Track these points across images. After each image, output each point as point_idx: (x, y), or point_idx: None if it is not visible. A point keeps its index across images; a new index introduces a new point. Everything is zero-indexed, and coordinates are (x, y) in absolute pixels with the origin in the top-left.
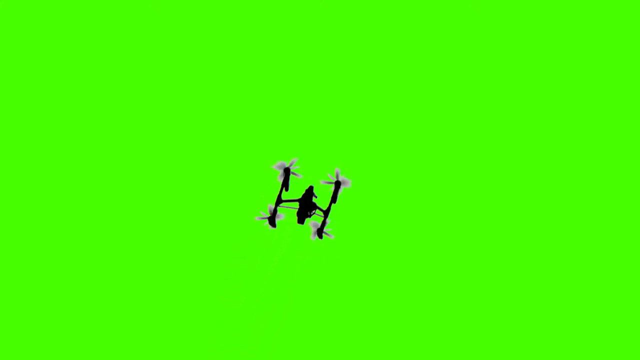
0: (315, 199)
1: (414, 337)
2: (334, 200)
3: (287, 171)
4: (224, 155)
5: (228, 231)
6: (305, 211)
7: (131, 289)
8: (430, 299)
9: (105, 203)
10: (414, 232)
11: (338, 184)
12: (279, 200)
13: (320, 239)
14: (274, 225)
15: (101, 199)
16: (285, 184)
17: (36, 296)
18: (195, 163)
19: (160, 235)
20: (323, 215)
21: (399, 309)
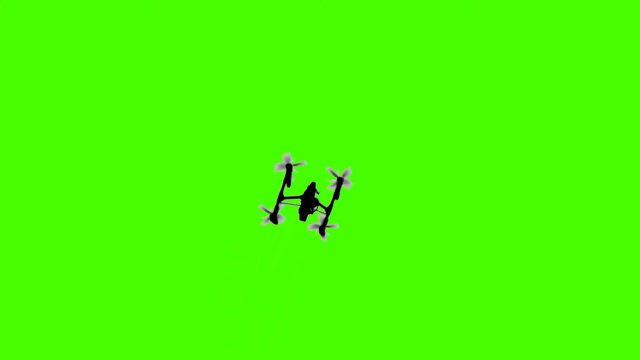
0: (317, 195)
1: (416, 336)
2: (336, 196)
3: (290, 167)
4: (225, 153)
5: (229, 229)
6: (307, 208)
7: (131, 288)
8: (432, 298)
9: (106, 202)
10: (416, 231)
11: (340, 180)
12: (280, 197)
13: (323, 236)
14: (276, 222)
15: (102, 199)
16: (287, 180)
17: (38, 295)
18: (196, 161)
19: (161, 234)
20: (325, 213)
21: (401, 308)
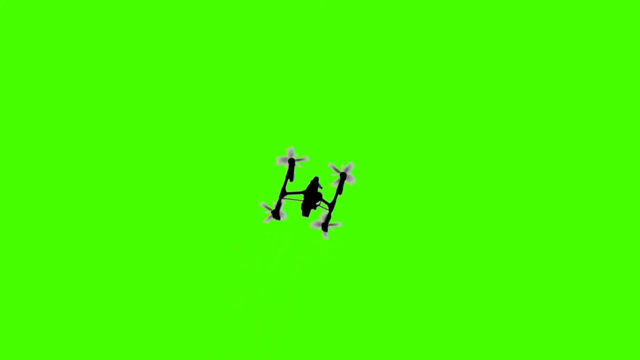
0: (320, 190)
1: (419, 335)
2: (339, 191)
3: (292, 162)
4: (225, 150)
5: (231, 226)
6: (310, 203)
7: (131, 288)
8: (435, 297)
9: (105, 200)
10: (419, 229)
11: (344, 176)
12: (283, 192)
13: (325, 232)
14: (279, 218)
15: (102, 197)
16: (290, 175)
17: (39, 296)
18: (196, 159)
19: (161, 232)
20: (328, 209)
21: (404, 307)
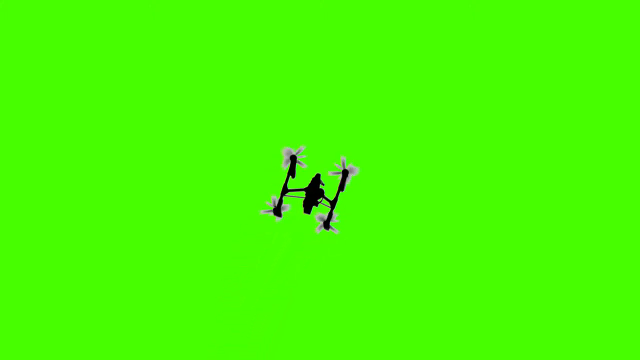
0: (322, 186)
1: (421, 335)
2: (341, 188)
3: (294, 158)
4: (226, 147)
5: (230, 224)
6: (312, 200)
7: (131, 287)
8: (438, 296)
9: (105, 199)
10: (422, 228)
11: (345, 173)
12: (284, 189)
13: (327, 230)
14: (280, 216)
15: (101, 196)
16: (291, 171)
17: (35, 296)
18: (197, 155)
19: (162, 231)
20: (330, 206)
21: (407, 306)
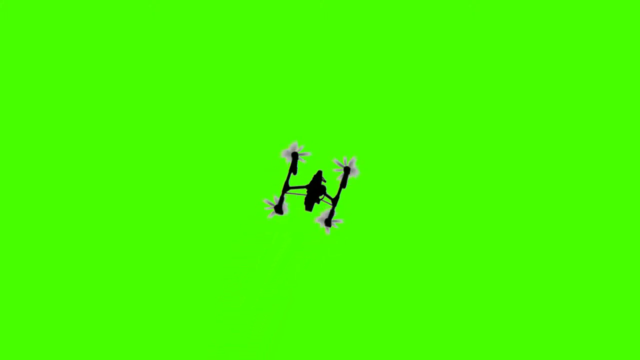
0: (324, 183)
1: (422, 334)
2: (343, 185)
3: (296, 156)
4: (226, 147)
5: (230, 222)
6: (314, 197)
7: (131, 286)
8: (440, 295)
9: (105, 198)
10: (424, 227)
11: (347, 170)
12: (286, 186)
13: (328, 228)
14: (281, 213)
15: (101, 195)
16: (293, 168)
17: (34, 296)
18: (197, 153)
19: (161, 231)
20: (332, 203)
21: (408, 306)
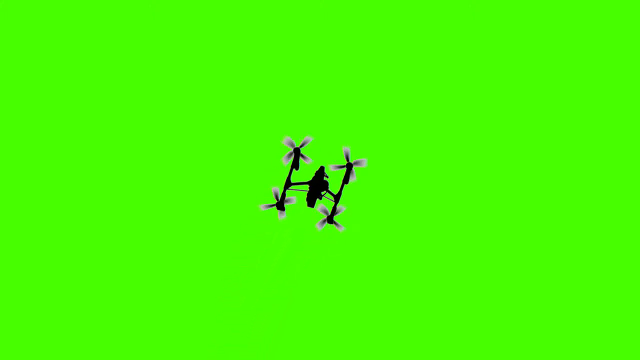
0: (326, 179)
1: (424, 332)
2: (345, 181)
3: (297, 151)
4: (226, 146)
5: (233, 220)
6: (316, 193)
7: (131, 286)
8: (440, 294)
9: (106, 198)
10: (424, 227)
11: (350, 166)
12: (288, 182)
13: (331, 224)
14: (283, 209)
15: (102, 195)
16: (295, 164)
17: (37, 295)
18: (197, 155)
19: (162, 230)
20: (334, 200)
21: (409, 305)
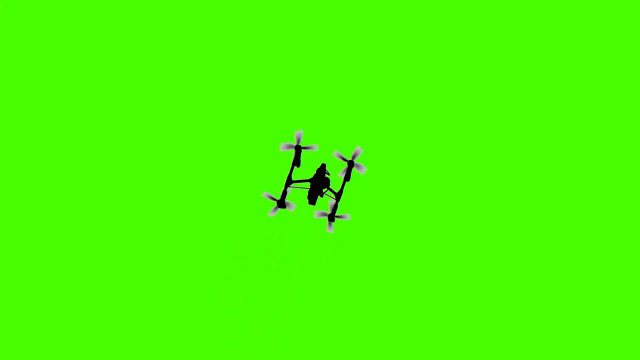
0: (328, 176)
1: (423, 332)
2: (347, 179)
3: (299, 148)
4: (226, 146)
5: (233, 220)
6: (317, 191)
7: (133, 284)
8: (440, 294)
9: (107, 197)
10: (424, 226)
11: (351, 164)
12: (289, 180)
13: (331, 222)
14: (284, 207)
15: (103, 194)
16: (296, 161)
17: (38, 295)
18: (197, 155)
19: (163, 230)
20: (335, 198)
21: (409, 304)
